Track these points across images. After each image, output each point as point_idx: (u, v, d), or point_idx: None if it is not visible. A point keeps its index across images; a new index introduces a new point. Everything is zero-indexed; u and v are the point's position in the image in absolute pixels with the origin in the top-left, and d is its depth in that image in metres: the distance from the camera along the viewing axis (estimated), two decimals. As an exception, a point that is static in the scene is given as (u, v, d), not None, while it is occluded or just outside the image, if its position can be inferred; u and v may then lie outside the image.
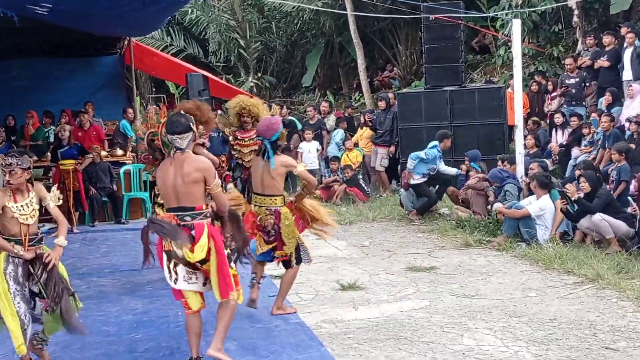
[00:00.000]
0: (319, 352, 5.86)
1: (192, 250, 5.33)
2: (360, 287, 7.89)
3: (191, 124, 5.53)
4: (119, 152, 14.30)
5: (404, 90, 17.88)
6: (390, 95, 16.12)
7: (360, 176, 14.55)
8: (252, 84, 22.45)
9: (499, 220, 10.26)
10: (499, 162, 11.79)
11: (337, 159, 15.10)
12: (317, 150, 15.44)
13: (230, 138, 9.56)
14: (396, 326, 6.50)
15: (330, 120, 16.51)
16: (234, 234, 5.75)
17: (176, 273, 5.46)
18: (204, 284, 5.56)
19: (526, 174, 11.07)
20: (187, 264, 5.44)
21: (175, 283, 5.48)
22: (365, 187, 14.45)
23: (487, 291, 7.63)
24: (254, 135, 8.72)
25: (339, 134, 15.92)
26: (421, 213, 12.12)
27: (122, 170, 13.72)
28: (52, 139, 14.09)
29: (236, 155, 10.12)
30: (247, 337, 6.29)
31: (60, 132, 12.65)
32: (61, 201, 5.75)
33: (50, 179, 13.10)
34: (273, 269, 8.77)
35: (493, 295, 7.47)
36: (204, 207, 5.44)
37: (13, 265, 5.38)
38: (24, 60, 15.50)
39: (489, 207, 11.03)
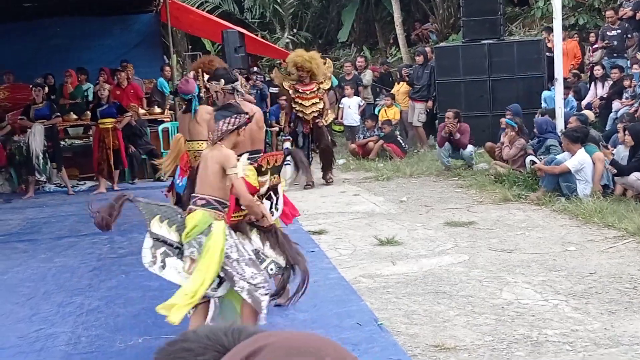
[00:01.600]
0: (357, 306, 5.89)
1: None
2: (398, 242, 7.89)
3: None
4: (157, 110, 14.38)
5: (442, 44, 17.68)
6: (428, 49, 15.96)
7: (398, 132, 14.48)
8: (287, 40, 22.35)
9: (538, 175, 10.17)
10: (538, 115, 11.65)
11: (373, 116, 15.00)
12: (359, 105, 15.35)
13: (291, 92, 9.64)
14: (435, 280, 6.51)
15: (367, 75, 16.40)
16: None
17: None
18: None
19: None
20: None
21: None
22: (403, 143, 14.36)
23: (526, 245, 7.60)
24: (312, 89, 8.95)
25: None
26: None
27: (160, 128, 13.79)
28: (90, 97, 14.21)
29: (297, 109, 10.30)
30: (287, 292, 6.35)
31: (100, 91, 12.72)
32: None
33: (91, 138, 13.28)
34: (310, 224, 8.87)
35: (532, 249, 7.44)
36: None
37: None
38: (62, 18, 15.55)
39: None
